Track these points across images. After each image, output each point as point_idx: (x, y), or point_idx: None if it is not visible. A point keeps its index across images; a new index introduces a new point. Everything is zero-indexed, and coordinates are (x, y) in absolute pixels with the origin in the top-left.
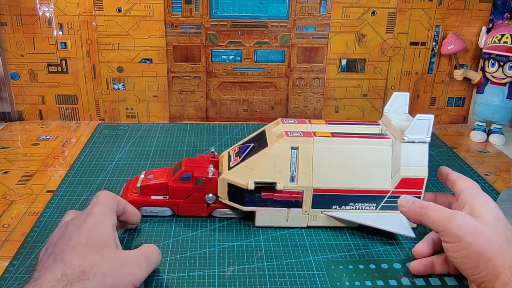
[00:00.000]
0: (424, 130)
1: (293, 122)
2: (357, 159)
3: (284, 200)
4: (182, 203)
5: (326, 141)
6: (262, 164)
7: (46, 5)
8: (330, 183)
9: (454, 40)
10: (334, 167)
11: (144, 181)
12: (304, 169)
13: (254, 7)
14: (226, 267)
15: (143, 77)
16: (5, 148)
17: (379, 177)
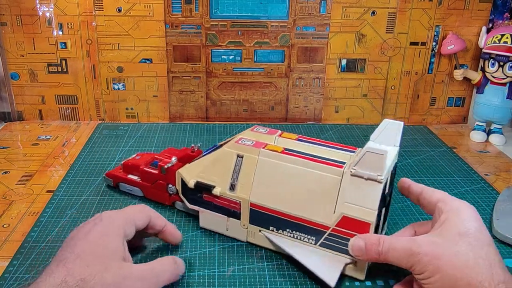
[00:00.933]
0: (377, 166)
1: (263, 132)
2: (301, 183)
3: (223, 207)
4: (149, 187)
5: (273, 155)
6: (207, 165)
7: (46, 5)
8: (269, 201)
9: (454, 40)
10: (276, 185)
11: (129, 160)
12: (245, 179)
13: (254, 7)
14: (226, 267)
15: (143, 77)
16: (5, 148)
17: (321, 208)
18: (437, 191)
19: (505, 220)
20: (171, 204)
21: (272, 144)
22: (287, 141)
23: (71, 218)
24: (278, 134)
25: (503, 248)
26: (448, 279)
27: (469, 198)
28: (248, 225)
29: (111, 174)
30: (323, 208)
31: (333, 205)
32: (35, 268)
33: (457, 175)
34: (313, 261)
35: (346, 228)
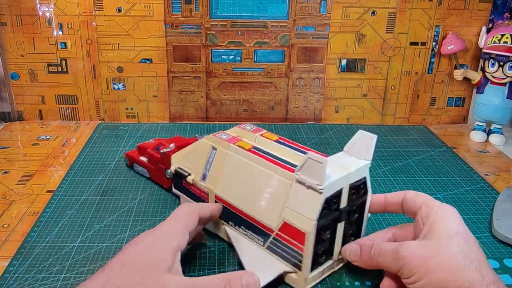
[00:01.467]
0: (317, 174)
1: (249, 129)
2: (257, 182)
3: (196, 195)
4: (153, 169)
5: (239, 152)
6: (187, 154)
7: (46, 5)
8: (230, 197)
9: (454, 40)
10: (238, 182)
11: (143, 143)
12: (215, 172)
13: (254, 7)
14: (226, 267)
15: (143, 77)
16: (5, 148)
17: (269, 210)
18: (420, 195)
19: (505, 220)
20: (169, 188)
21: (246, 141)
22: (265, 140)
23: (71, 218)
24: (260, 133)
25: (503, 248)
26: (438, 282)
27: (469, 198)
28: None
29: (129, 154)
30: (271, 210)
31: (279, 209)
32: (35, 268)
33: (457, 175)
34: (252, 261)
35: (286, 234)
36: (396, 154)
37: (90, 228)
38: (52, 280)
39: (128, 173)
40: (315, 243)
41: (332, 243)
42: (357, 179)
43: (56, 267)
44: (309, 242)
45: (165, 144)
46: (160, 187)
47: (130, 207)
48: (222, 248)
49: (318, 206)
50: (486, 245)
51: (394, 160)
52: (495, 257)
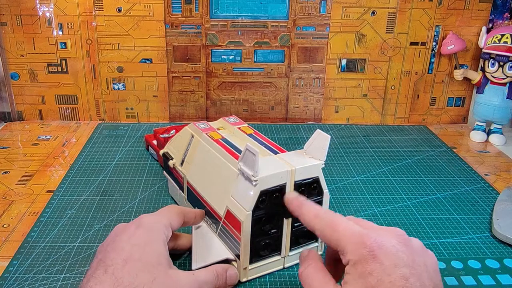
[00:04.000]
0: (252, 165)
1: (231, 122)
2: (215, 171)
3: (177, 179)
4: (158, 153)
5: (207, 141)
6: (174, 140)
7: (46, 5)
8: (195, 182)
9: (454, 40)
10: (203, 169)
11: (158, 128)
12: (189, 158)
13: (254, 7)
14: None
15: (143, 77)
16: (5, 148)
17: (220, 198)
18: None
19: (505, 220)
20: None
21: (219, 132)
22: (239, 133)
23: (71, 218)
24: (238, 127)
25: (503, 248)
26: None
27: (469, 198)
28: (187, 201)
29: (147, 138)
30: (220, 198)
31: (227, 197)
32: (35, 268)
33: (457, 175)
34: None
35: (229, 222)
36: (396, 154)
37: (90, 228)
38: (52, 280)
39: (128, 173)
40: (255, 235)
41: (278, 238)
42: (305, 178)
43: (56, 267)
44: (245, 232)
45: (171, 130)
46: (160, 188)
47: (130, 207)
48: None
49: (254, 197)
50: (486, 245)
51: (394, 160)
52: (495, 257)
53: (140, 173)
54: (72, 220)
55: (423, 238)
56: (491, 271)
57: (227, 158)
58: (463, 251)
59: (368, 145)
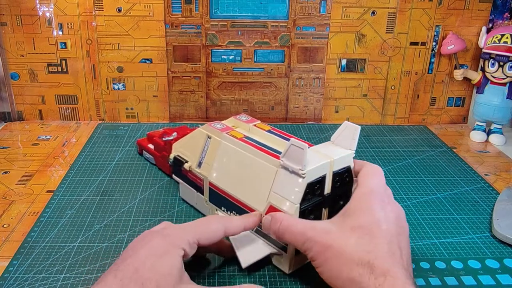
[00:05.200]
0: (299, 160)
1: (244, 120)
2: (247, 169)
3: (193, 182)
4: (158, 157)
5: (231, 141)
6: (185, 142)
7: (46, 5)
8: (222, 183)
9: (454, 40)
10: (229, 169)
11: (152, 132)
12: (209, 159)
13: (254, 7)
14: (226, 267)
15: (143, 77)
16: (5, 148)
17: (257, 195)
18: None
19: (505, 220)
20: (171, 174)
21: (239, 131)
22: (257, 130)
23: (71, 218)
24: (253, 124)
25: (503, 248)
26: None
27: (469, 198)
28: (208, 203)
29: (140, 142)
30: (258, 195)
31: (266, 194)
32: (35, 268)
33: (457, 175)
34: (242, 243)
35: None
36: (396, 154)
37: (90, 228)
38: (52, 280)
39: (128, 173)
40: None
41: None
42: (341, 168)
43: (56, 267)
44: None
45: (170, 133)
46: (160, 188)
47: (130, 207)
48: None
49: (301, 190)
50: (486, 245)
51: (394, 160)
52: (495, 257)
53: (140, 173)
54: (72, 220)
55: (423, 238)
56: (491, 271)
57: (259, 156)
58: (463, 251)
59: (368, 145)
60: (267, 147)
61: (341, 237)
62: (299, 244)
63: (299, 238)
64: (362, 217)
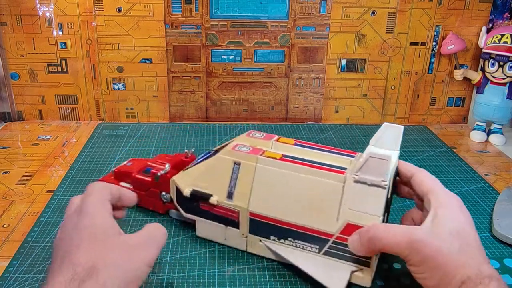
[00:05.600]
0: (380, 171)
1: (259, 137)
2: (302, 190)
3: (221, 216)
4: (142, 195)
5: (271, 163)
6: (203, 173)
7: (46, 5)
8: (269, 210)
9: (454, 40)
10: (276, 193)
11: (121, 166)
12: (243, 188)
13: (254, 7)
14: (226, 267)
15: (143, 77)
16: (5, 148)
17: (323, 216)
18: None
19: (505, 220)
20: (165, 213)
21: (269, 150)
22: (284, 146)
23: None
24: (275, 139)
25: (503, 248)
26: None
27: (469, 198)
28: (247, 235)
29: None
30: (325, 216)
31: (336, 213)
32: (35, 268)
33: (457, 175)
34: (319, 270)
35: (350, 235)
36: None
37: None
38: None
39: None
40: None
41: None
42: (396, 169)
43: None
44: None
45: (154, 165)
46: None
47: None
48: (222, 248)
49: (383, 202)
50: (486, 245)
51: None
52: (495, 257)
53: None
54: None
55: None
56: None
57: (318, 174)
58: None
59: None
60: (318, 163)
61: (446, 241)
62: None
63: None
64: (456, 223)
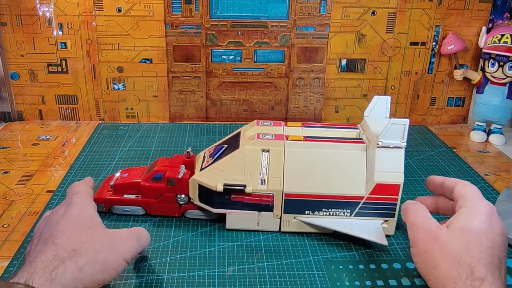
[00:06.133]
0: (399, 135)
1: (268, 124)
2: (330, 164)
3: (254, 203)
4: (154, 203)
5: (298, 145)
6: (232, 166)
7: (46, 5)
8: (302, 188)
9: (454, 40)
10: (306, 171)
11: (118, 179)
12: (275, 172)
13: (254, 7)
14: (226, 267)
15: (143, 77)
16: (5, 148)
17: (353, 182)
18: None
19: (505, 220)
20: (180, 215)
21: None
22: (296, 129)
23: None
24: (284, 124)
25: None
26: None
27: None
28: (281, 215)
29: (101, 198)
30: (355, 181)
31: (363, 177)
32: None
33: (457, 175)
34: (357, 229)
35: (379, 194)
36: None
37: None
38: None
39: None
40: None
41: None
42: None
43: None
44: (401, 191)
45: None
46: None
47: None
48: (222, 248)
49: (403, 160)
50: None
51: None
52: None
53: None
54: None
55: None
56: None
57: (342, 147)
58: None
59: None
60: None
61: (452, 234)
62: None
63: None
64: (474, 221)
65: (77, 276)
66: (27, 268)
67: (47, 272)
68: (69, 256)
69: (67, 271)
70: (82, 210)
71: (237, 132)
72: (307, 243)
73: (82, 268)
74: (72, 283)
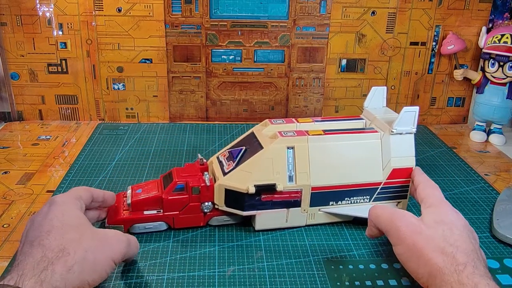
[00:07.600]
0: (410, 121)
1: (281, 122)
2: (349, 154)
3: (283, 200)
4: (177, 216)
5: (320, 139)
6: (259, 167)
7: (46, 5)
8: (327, 180)
9: (454, 40)
10: (329, 164)
11: (134, 196)
12: (302, 168)
13: (254, 7)
14: (226, 267)
15: (143, 77)
16: (5, 148)
17: (371, 170)
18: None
19: (505, 220)
20: (206, 224)
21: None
22: (308, 124)
23: None
24: (296, 121)
25: (503, 248)
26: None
27: (469, 198)
28: (308, 209)
29: (121, 219)
30: (372, 169)
31: (380, 164)
32: None
33: (457, 175)
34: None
35: (395, 178)
36: None
37: None
38: None
39: (128, 173)
40: None
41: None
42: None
43: None
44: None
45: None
46: None
47: None
48: (222, 248)
49: (413, 143)
50: (486, 245)
51: None
52: (495, 257)
53: (140, 173)
54: None
55: None
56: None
57: (360, 138)
58: None
59: None
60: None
61: (430, 226)
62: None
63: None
64: (443, 214)
65: (66, 277)
66: (16, 270)
67: (36, 274)
68: (57, 256)
69: (56, 272)
70: (66, 209)
71: (249, 132)
72: (307, 243)
73: (71, 268)
74: (61, 284)
